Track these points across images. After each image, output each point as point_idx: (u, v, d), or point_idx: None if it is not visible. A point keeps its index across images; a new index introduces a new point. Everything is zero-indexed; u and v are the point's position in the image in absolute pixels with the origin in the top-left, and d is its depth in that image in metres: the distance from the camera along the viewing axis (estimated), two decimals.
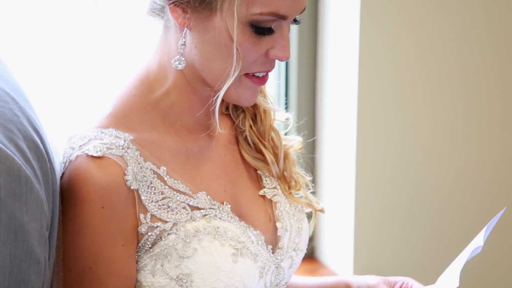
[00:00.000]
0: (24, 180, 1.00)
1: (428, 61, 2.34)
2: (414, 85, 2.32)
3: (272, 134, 1.39)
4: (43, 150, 1.08)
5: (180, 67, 1.22)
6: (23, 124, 1.06)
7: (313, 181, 1.57)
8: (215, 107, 1.23)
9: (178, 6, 1.19)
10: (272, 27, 1.19)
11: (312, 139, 2.32)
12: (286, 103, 2.32)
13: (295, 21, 1.24)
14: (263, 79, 1.25)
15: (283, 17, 1.19)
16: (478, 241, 1.33)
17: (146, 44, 2.07)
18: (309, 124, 2.34)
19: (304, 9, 1.22)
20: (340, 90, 2.31)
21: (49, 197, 1.08)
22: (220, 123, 1.30)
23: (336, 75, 2.32)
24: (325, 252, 2.44)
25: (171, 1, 1.19)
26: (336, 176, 2.35)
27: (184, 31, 1.21)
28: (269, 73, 1.28)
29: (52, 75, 2.08)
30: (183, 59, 1.22)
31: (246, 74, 1.23)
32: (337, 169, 2.34)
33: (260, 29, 1.19)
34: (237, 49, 1.18)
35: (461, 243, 2.41)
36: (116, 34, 2.10)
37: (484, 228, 1.32)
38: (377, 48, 2.24)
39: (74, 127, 1.26)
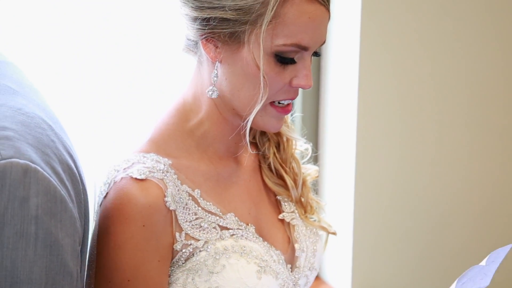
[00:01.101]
0: (59, 199, 1.03)
1: (433, 82, 2.31)
2: (416, 112, 2.30)
3: (293, 162, 1.44)
4: (76, 173, 1.12)
5: (214, 96, 1.27)
6: (59, 149, 1.09)
7: None
8: (245, 131, 1.27)
9: (209, 42, 1.24)
10: (294, 58, 1.24)
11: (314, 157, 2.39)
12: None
13: (315, 53, 1.28)
14: (286, 109, 1.29)
15: (304, 48, 1.23)
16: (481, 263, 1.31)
17: (146, 45, 2.05)
18: (312, 149, 2.40)
19: (324, 42, 1.27)
20: (340, 121, 2.30)
21: (81, 215, 1.11)
22: (247, 152, 1.37)
23: (337, 99, 2.31)
24: (325, 269, 2.43)
25: (203, 36, 1.24)
26: (336, 197, 2.35)
27: (216, 64, 1.26)
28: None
29: (52, 75, 2.03)
30: (215, 89, 1.26)
31: (271, 103, 1.27)
32: (336, 191, 2.34)
33: (284, 59, 1.23)
34: (263, 77, 1.22)
35: (457, 261, 2.41)
36: (116, 34, 2.05)
37: (487, 257, 1.30)
38: (376, 71, 2.23)
39: (117, 151, 1.32)
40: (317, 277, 2.44)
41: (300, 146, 1.47)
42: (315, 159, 2.27)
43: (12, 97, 1.11)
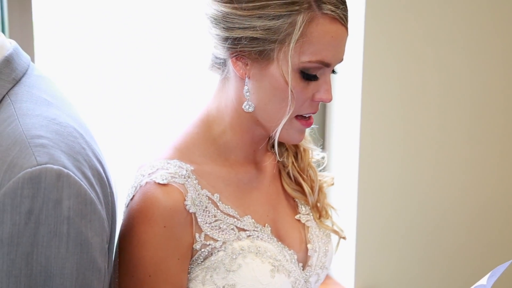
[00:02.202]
0: (89, 202, 1.07)
1: (434, 92, 2.33)
2: (417, 118, 2.32)
3: (310, 170, 1.46)
4: (104, 177, 1.14)
5: (250, 110, 1.29)
6: (89, 156, 1.12)
7: None
8: (274, 141, 1.31)
9: (239, 59, 1.26)
10: (317, 74, 1.27)
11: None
12: None
13: (333, 71, 1.31)
14: (309, 122, 1.32)
15: (327, 65, 1.26)
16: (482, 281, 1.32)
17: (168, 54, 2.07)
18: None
19: (343, 59, 1.29)
20: (344, 130, 2.33)
21: (108, 216, 1.13)
22: (267, 159, 1.40)
23: (342, 111, 2.33)
24: (332, 267, 2.43)
25: (234, 55, 1.26)
26: (341, 200, 2.37)
27: (246, 80, 1.28)
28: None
29: (75, 78, 2.08)
30: (251, 103, 1.29)
31: (296, 116, 1.30)
32: (341, 194, 2.37)
33: (308, 75, 1.26)
34: (291, 91, 1.25)
35: (455, 260, 2.41)
36: (135, 38, 2.08)
37: (489, 274, 1.32)
38: (379, 85, 2.26)
39: (144, 157, 1.33)
40: None
41: (316, 155, 1.50)
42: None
43: (47, 108, 1.14)
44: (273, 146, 1.43)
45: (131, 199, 1.28)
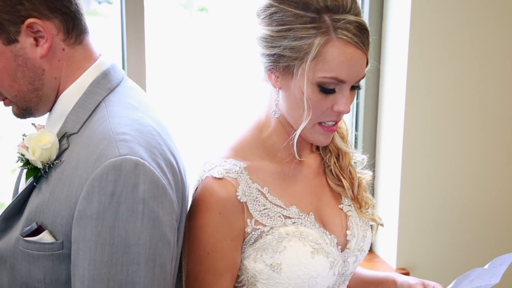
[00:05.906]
0: (161, 187, 1.13)
1: (473, 109, 2.31)
2: (457, 122, 2.32)
3: (350, 168, 1.48)
4: (177, 168, 1.21)
5: (276, 115, 1.34)
6: (164, 150, 1.19)
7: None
8: (293, 142, 1.34)
9: (272, 72, 1.30)
10: (335, 88, 1.28)
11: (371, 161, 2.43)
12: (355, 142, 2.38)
13: (357, 87, 1.31)
14: (331, 128, 1.33)
15: (342, 81, 1.26)
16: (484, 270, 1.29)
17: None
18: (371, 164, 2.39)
19: (363, 77, 1.29)
20: (391, 137, 2.35)
21: (179, 199, 1.20)
22: (313, 159, 1.44)
23: (390, 122, 2.33)
24: (378, 246, 2.53)
25: (268, 68, 1.31)
26: (387, 192, 2.41)
27: (277, 90, 1.32)
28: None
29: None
30: (277, 110, 1.33)
31: (319, 124, 1.32)
32: (388, 187, 2.41)
33: (325, 89, 1.27)
34: (307, 101, 1.27)
35: (484, 244, 2.42)
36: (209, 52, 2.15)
37: (491, 261, 1.29)
38: (421, 103, 2.26)
39: (208, 155, 1.39)
40: (371, 251, 2.52)
41: (356, 157, 1.51)
42: (372, 166, 2.35)
43: (133, 111, 1.22)
44: (317, 148, 1.47)
45: (195, 190, 1.33)
